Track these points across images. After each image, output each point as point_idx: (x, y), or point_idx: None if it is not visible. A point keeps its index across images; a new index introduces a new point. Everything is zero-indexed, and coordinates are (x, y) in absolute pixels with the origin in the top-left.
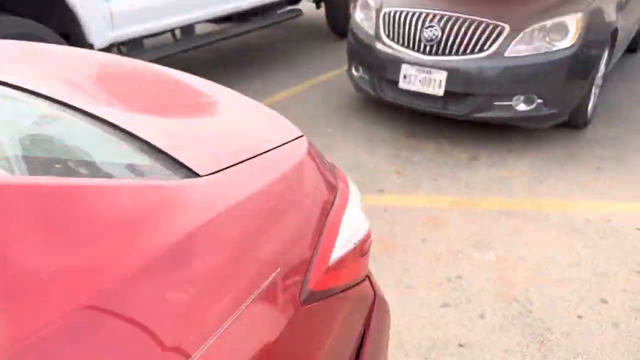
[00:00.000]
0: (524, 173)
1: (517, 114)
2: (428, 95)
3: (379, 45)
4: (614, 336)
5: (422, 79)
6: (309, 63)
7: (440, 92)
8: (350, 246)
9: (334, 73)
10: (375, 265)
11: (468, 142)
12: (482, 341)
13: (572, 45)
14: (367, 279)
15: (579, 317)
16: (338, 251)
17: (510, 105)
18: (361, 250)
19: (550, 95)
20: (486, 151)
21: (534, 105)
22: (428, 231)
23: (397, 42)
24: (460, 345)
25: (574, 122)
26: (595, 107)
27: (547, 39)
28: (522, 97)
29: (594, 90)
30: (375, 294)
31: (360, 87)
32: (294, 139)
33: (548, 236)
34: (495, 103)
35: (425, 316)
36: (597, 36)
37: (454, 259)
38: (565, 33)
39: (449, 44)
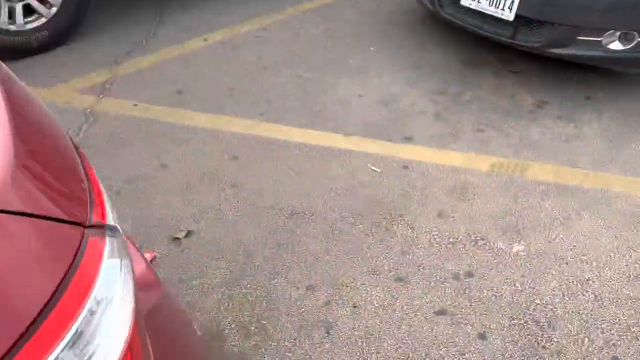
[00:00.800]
0: (599, 133)
1: (608, 54)
2: (495, 18)
3: None
4: None
5: None
6: None
7: (510, 15)
8: None
9: None
10: (369, 241)
11: (537, 82)
12: None
13: None
14: None
15: (615, 358)
16: None
17: (600, 41)
18: None
19: None
20: (557, 97)
21: (632, 44)
22: (451, 203)
23: None
24: None
25: None
26: None
27: None
28: (617, 33)
29: None
30: None
31: None
32: None
33: (606, 230)
34: (580, 37)
35: (410, 325)
36: None
37: (472, 247)
38: None
39: None
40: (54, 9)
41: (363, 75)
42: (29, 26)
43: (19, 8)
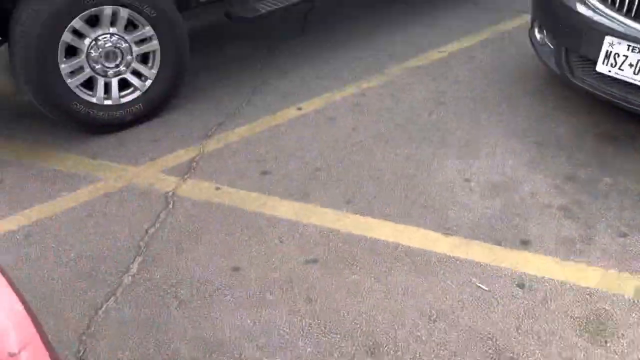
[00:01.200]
0: None
1: None
2: None
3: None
4: None
5: (637, 62)
6: (489, 3)
7: None
8: None
9: (523, 20)
10: None
11: None
12: None
13: None
14: None
15: None
16: None
17: None
18: None
19: None
20: None
21: None
22: (582, 345)
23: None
24: None
25: None
26: None
27: None
28: None
29: None
30: None
31: (541, 57)
32: None
33: None
34: None
35: None
36: None
37: None
38: None
39: None
40: (149, 82)
41: (472, 153)
42: (124, 100)
43: (114, 82)
